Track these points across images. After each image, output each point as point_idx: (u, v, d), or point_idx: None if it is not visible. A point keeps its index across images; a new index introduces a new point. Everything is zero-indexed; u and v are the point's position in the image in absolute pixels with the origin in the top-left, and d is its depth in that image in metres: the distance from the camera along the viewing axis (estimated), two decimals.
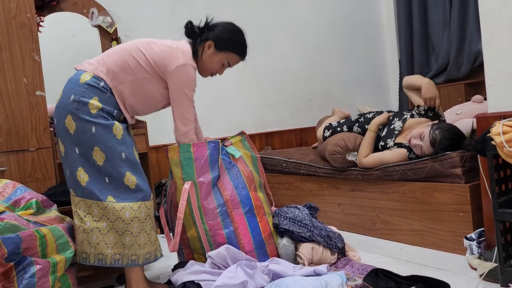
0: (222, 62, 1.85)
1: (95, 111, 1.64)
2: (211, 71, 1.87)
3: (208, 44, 1.81)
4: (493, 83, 1.88)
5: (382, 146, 2.46)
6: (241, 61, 1.91)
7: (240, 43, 1.87)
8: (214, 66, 1.85)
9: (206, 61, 1.83)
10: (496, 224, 1.60)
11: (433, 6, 4.09)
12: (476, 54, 3.71)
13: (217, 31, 1.83)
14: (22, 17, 2.36)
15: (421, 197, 2.22)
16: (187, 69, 1.72)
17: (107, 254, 1.64)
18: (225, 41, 1.83)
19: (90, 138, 1.62)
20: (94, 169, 1.64)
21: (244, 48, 1.88)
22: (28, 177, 2.32)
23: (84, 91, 1.65)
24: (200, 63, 1.83)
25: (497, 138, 1.50)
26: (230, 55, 1.86)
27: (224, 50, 1.83)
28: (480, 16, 1.89)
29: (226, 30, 1.84)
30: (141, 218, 1.67)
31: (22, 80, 2.34)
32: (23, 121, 2.33)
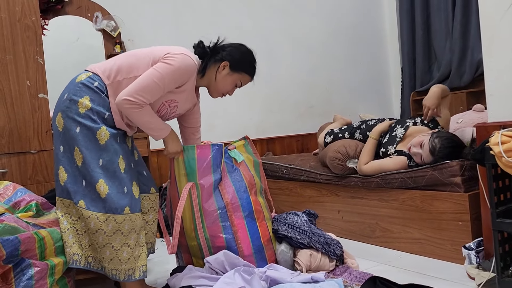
0: (235, 82, 1.86)
1: (84, 111, 1.60)
2: (224, 91, 1.86)
3: (223, 64, 1.81)
4: (493, 93, 1.88)
5: (383, 152, 2.47)
6: (251, 79, 1.92)
7: (252, 64, 1.88)
8: (228, 86, 1.85)
9: (220, 81, 1.82)
10: (494, 234, 1.60)
11: (436, 14, 4.10)
12: (478, 63, 3.71)
13: (231, 52, 1.83)
14: (27, 20, 2.39)
15: (421, 206, 2.22)
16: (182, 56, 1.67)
17: (81, 255, 1.63)
18: (240, 62, 1.83)
19: (73, 138, 1.59)
20: (73, 169, 1.62)
21: (255, 69, 1.90)
22: (29, 179, 2.33)
23: (77, 90, 1.63)
24: (213, 83, 1.83)
25: (495, 148, 1.51)
26: (243, 76, 1.87)
27: (239, 71, 1.84)
28: (481, 25, 1.90)
29: (240, 51, 1.85)
30: (107, 231, 1.58)
31: (25, 83, 2.36)
32: (25, 123, 2.34)
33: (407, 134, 2.44)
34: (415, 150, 2.24)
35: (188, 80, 1.72)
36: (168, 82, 1.65)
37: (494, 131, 1.61)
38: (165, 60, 1.64)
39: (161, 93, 1.65)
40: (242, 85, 1.89)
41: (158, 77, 1.62)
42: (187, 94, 1.78)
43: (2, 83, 2.30)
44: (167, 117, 1.84)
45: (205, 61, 1.81)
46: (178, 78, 1.67)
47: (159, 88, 1.63)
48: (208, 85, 1.84)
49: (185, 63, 1.66)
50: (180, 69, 1.65)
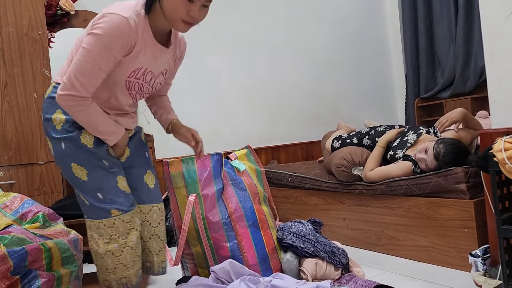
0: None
1: (60, 126, 1.44)
2: (179, 15, 1.33)
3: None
4: (497, 99, 1.88)
5: (390, 155, 2.47)
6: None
7: None
8: (177, 6, 1.31)
9: (166, 5, 1.32)
10: (500, 241, 1.59)
11: (439, 21, 4.12)
12: (482, 69, 3.71)
13: None
14: (34, 34, 2.43)
15: (426, 213, 2.21)
16: (104, 19, 1.28)
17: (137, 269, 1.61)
18: None
19: (64, 155, 1.46)
20: (82, 187, 1.51)
21: None
22: (36, 190, 2.36)
23: (48, 107, 1.47)
24: (162, 14, 1.36)
25: (499, 154, 1.51)
26: None
27: None
28: (483, 32, 1.91)
29: None
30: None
31: (32, 95, 2.40)
32: (32, 135, 2.38)
33: (418, 141, 2.44)
34: (419, 155, 2.24)
35: (131, 39, 1.31)
36: (101, 56, 1.28)
37: (497, 137, 1.61)
38: (91, 31, 1.30)
39: (101, 72, 1.32)
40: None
41: (86, 54, 1.28)
42: (150, 53, 1.40)
43: (9, 96, 2.34)
44: (150, 90, 1.54)
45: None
46: (113, 45, 1.28)
47: (94, 67, 1.29)
48: (165, 19, 1.37)
49: (112, 25, 1.27)
50: (107, 35, 1.26)
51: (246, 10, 3.77)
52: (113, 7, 1.31)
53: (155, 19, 1.37)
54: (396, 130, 2.57)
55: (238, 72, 3.66)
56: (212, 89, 3.54)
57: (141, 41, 1.35)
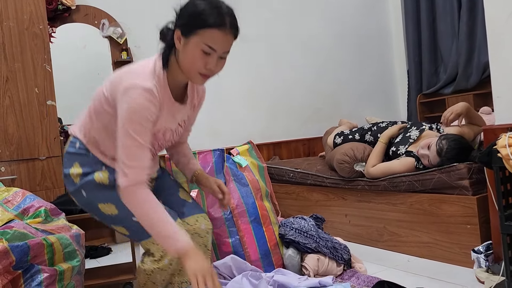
0: (199, 48, 1.24)
1: (78, 180, 1.43)
2: (196, 68, 1.28)
3: (177, 36, 1.28)
4: (500, 95, 1.87)
5: (393, 151, 2.45)
6: (230, 37, 1.29)
7: (208, 12, 1.24)
8: (193, 59, 1.26)
9: (183, 59, 1.28)
10: (503, 237, 1.59)
11: (442, 16, 4.09)
12: (485, 65, 3.69)
13: (177, 16, 1.31)
14: (35, 29, 2.42)
15: (429, 209, 2.21)
16: (130, 93, 1.23)
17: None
18: (190, 19, 1.25)
19: (89, 202, 1.44)
20: (117, 221, 1.46)
21: (217, 14, 1.24)
22: (38, 185, 2.36)
23: (66, 162, 1.46)
24: (178, 67, 1.33)
25: (503, 150, 1.50)
26: (204, 34, 1.23)
27: (193, 31, 1.24)
28: (487, 28, 1.89)
29: (185, 6, 1.29)
30: None
31: (33, 90, 2.39)
32: (33, 130, 2.37)
33: (421, 137, 2.43)
34: (422, 151, 2.23)
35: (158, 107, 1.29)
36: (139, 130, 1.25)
37: (501, 133, 1.60)
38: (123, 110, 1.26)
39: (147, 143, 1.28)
40: (215, 48, 1.26)
41: (132, 139, 1.25)
42: (168, 113, 1.37)
43: (11, 91, 2.33)
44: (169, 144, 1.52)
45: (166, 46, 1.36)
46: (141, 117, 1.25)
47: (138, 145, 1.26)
48: (182, 72, 1.33)
49: (144, 95, 1.24)
50: (140, 108, 1.24)
51: (247, 5, 3.75)
52: (133, 75, 1.27)
53: (172, 75, 1.34)
54: (398, 125, 2.56)
55: (238, 68, 3.64)
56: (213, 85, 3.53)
57: (163, 105, 1.32)
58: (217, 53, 1.27)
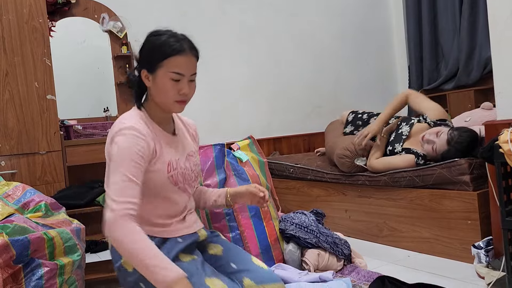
0: (168, 78, 1.27)
1: (132, 268, 1.26)
2: (171, 97, 1.29)
3: (144, 75, 1.31)
4: (502, 90, 1.86)
5: (390, 150, 2.46)
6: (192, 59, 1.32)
7: (164, 43, 1.28)
8: (165, 90, 1.28)
9: (156, 94, 1.30)
10: (504, 232, 1.59)
11: (443, 12, 4.07)
12: (486, 61, 3.68)
13: (142, 55, 1.34)
14: (34, 22, 2.41)
15: (429, 204, 2.21)
16: (118, 136, 1.25)
17: None
18: (150, 56, 1.29)
19: None
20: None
21: (173, 42, 1.29)
22: (38, 180, 2.35)
23: (114, 252, 1.31)
24: (155, 104, 1.33)
25: (505, 146, 1.49)
26: (168, 64, 1.27)
27: (157, 64, 1.27)
28: (489, 23, 1.89)
29: (144, 46, 1.34)
30: None
31: (33, 84, 2.38)
32: (33, 124, 2.36)
33: (412, 132, 2.43)
34: (430, 137, 2.22)
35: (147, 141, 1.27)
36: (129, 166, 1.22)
37: (503, 129, 1.59)
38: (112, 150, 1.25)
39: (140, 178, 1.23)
40: (182, 73, 1.28)
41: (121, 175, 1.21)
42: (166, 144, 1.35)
43: (10, 85, 2.32)
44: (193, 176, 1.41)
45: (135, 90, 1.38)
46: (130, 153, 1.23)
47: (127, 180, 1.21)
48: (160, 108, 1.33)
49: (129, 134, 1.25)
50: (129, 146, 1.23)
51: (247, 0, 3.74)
52: (117, 124, 1.29)
53: (153, 114, 1.35)
54: (396, 120, 2.57)
55: (239, 63, 3.63)
56: (212, 80, 3.52)
57: (155, 139, 1.31)
58: (186, 77, 1.29)
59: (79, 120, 2.86)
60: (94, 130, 2.77)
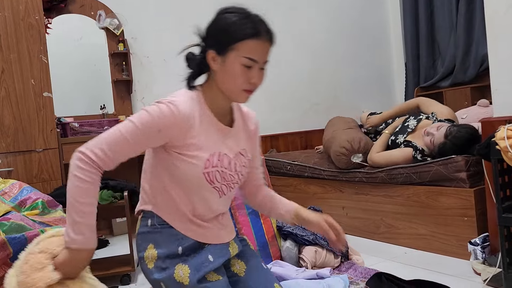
0: (239, 63, 1.15)
1: (152, 265, 1.19)
2: (239, 85, 1.17)
3: (210, 57, 1.18)
4: (498, 87, 1.87)
5: (392, 140, 2.49)
6: (267, 44, 1.20)
7: (241, 23, 1.16)
8: (235, 76, 1.16)
9: (223, 79, 1.18)
10: (500, 229, 1.59)
11: (440, 9, 4.08)
12: (482, 58, 3.69)
13: (207, 35, 1.21)
14: (30, 19, 2.40)
15: (426, 201, 2.21)
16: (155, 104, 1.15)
17: None
18: (223, 36, 1.16)
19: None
20: None
21: (250, 24, 1.17)
22: (35, 178, 2.34)
23: (140, 244, 1.24)
24: (217, 90, 1.21)
25: (501, 142, 1.50)
26: (241, 47, 1.14)
27: (229, 46, 1.14)
28: (486, 21, 1.89)
29: (216, 22, 1.20)
30: None
31: (29, 81, 2.37)
32: (30, 122, 2.36)
33: (418, 127, 2.45)
34: (430, 130, 2.26)
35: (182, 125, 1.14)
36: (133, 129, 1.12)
37: (499, 126, 1.60)
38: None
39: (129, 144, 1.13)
40: (256, 59, 1.15)
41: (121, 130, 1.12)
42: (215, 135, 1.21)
43: (6, 82, 2.31)
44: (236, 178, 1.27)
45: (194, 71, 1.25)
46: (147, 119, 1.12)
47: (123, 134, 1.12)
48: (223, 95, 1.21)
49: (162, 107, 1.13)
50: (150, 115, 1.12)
51: None
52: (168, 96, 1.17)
53: (211, 99, 1.22)
54: (403, 118, 2.62)
55: None
56: None
57: (201, 126, 1.18)
58: (259, 64, 1.17)
59: (75, 117, 2.85)
60: (91, 127, 2.76)
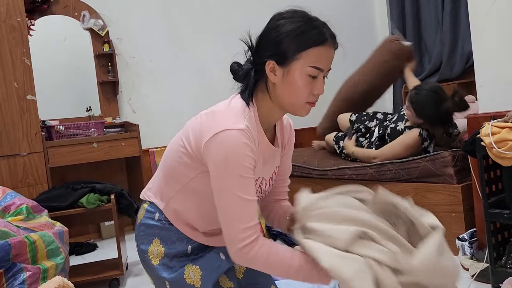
0: (305, 74, 1.05)
1: (158, 261, 1.13)
2: (303, 97, 1.07)
3: (269, 68, 1.06)
4: (483, 84, 1.88)
5: (392, 128, 2.46)
6: (333, 51, 1.14)
7: (307, 29, 1.07)
8: (299, 87, 1.05)
9: (284, 91, 1.06)
10: (487, 224, 1.61)
11: (426, 7, 4.11)
12: (468, 54, 3.72)
13: (267, 42, 1.10)
14: (12, 21, 2.35)
15: (414, 198, 2.21)
16: (222, 139, 1.00)
17: None
18: (285, 44, 1.06)
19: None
20: None
21: (315, 30, 1.08)
22: (20, 182, 2.30)
23: (142, 236, 1.16)
24: (273, 104, 1.09)
25: (486, 139, 1.51)
26: (307, 56, 1.05)
27: (294, 56, 1.05)
28: (470, 18, 1.90)
29: (277, 29, 1.09)
30: None
31: (12, 85, 2.33)
32: (14, 125, 2.32)
33: None
34: (405, 105, 2.36)
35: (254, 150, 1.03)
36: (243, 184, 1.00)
37: (484, 122, 1.61)
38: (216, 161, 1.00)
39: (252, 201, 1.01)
40: (322, 67, 1.07)
41: (235, 196, 0.99)
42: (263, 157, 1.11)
43: None
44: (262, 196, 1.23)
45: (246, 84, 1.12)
46: (242, 165, 0.99)
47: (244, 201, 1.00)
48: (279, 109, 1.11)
49: (239, 138, 1.00)
50: (239, 154, 0.99)
51: None
52: (219, 121, 1.03)
53: (264, 114, 1.10)
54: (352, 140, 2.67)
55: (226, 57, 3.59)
56: (200, 75, 3.50)
57: (259, 149, 1.07)
58: (323, 73, 1.09)
59: (61, 120, 2.82)
60: (78, 130, 2.72)
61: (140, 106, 3.24)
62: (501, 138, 1.49)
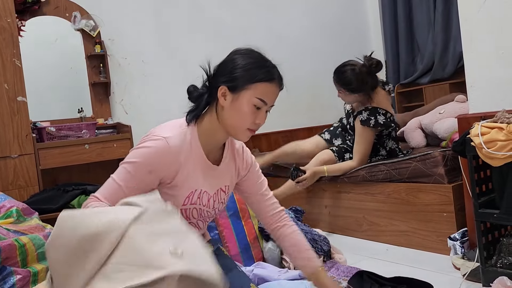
0: (251, 103, 1.20)
1: None
2: (245, 124, 1.21)
3: (221, 93, 1.21)
4: (474, 84, 1.89)
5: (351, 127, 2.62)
6: (278, 89, 1.31)
7: (261, 65, 1.25)
8: (243, 115, 1.20)
9: (229, 115, 1.21)
10: (477, 224, 1.62)
11: (418, 7, 4.13)
12: (460, 55, 3.73)
13: (222, 70, 1.26)
14: (2, 22, 2.34)
15: (406, 198, 2.23)
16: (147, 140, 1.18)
17: None
18: (239, 75, 1.21)
19: None
20: None
21: (266, 68, 1.26)
22: (11, 184, 2.29)
23: None
24: (218, 125, 1.24)
25: (476, 139, 1.52)
26: (256, 89, 1.21)
27: (244, 86, 1.20)
28: (460, 18, 1.91)
29: (233, 60, 1.26)
30: None
31: (3, 86, 2.31)
32: (4, 127, 2.30)
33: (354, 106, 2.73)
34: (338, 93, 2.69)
35: (171, 162, 1.17)
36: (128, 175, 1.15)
37: (474, 122, 1.62)
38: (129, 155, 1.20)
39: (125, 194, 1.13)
40: (266, 101, 1.23)
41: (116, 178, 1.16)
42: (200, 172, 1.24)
43: None
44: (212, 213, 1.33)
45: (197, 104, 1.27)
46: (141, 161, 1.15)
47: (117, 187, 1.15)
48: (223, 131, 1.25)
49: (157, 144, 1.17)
50: (145, 154, 1.16)
51: None
52: (158, 128, 1.21)
53: (207, 134, 1.24)
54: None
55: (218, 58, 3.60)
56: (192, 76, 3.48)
57: (188, 162, 1.20)
58: (266, 106, 1.24)
59: (52, 121, 2.79)
60: (69, 131, 2.71)
61: (132, 107, 3.23)
62: (491, 138, 1.50)
